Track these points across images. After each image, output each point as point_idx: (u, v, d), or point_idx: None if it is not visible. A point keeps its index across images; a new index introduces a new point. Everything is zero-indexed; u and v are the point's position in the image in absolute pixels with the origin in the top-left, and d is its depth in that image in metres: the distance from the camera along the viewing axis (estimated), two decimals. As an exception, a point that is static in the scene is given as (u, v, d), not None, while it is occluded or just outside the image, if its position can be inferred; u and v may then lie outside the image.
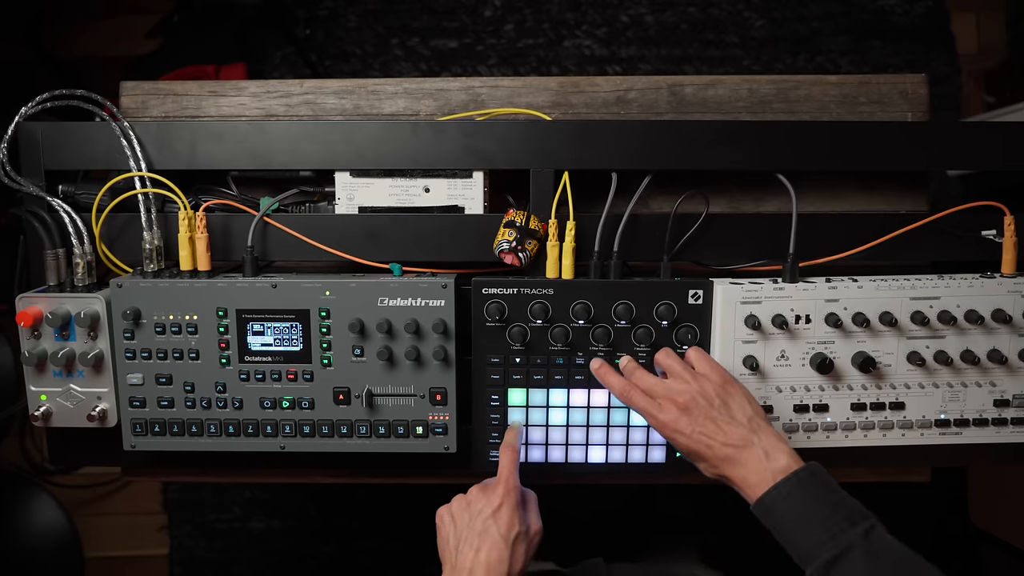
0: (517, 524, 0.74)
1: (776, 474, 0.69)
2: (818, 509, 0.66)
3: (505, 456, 0.80)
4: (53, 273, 0.83)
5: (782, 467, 0.70)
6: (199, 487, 1.97)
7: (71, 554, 1.84)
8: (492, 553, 0.72)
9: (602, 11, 2.00)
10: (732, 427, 0.73)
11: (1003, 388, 0.85)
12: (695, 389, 0.75)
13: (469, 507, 0.77)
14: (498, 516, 0.74)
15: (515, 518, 0.74)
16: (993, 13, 1.98)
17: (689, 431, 0.74)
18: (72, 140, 0.85)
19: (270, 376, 0.83)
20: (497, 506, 0.75)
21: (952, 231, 0.85)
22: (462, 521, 0.76)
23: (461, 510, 0.77)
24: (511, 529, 0.73)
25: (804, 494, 0.67)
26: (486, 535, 0.73)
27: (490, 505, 0.75)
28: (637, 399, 0.78)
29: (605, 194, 0.84)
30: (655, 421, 0.76)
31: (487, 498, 0.76)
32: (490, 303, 0.82)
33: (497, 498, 0.75)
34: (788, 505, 0.67)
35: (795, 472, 0.69)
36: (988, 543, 1.82)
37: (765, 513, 0.69)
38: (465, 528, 0.75)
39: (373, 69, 2.01)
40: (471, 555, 0.72)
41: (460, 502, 0.78)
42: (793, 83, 0.94)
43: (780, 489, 0.68)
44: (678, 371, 0.78)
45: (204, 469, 0.98)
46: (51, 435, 0.91)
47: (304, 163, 0.85)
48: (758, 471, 0.70)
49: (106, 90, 0.87)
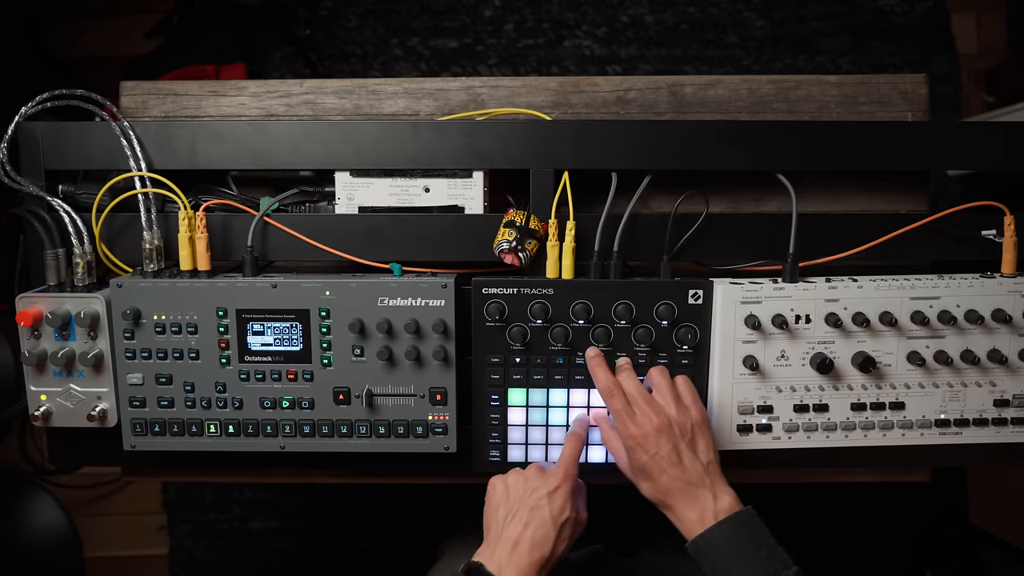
0: (568, 510, 0.75)
1: (719, 513, 0.72)
2: (754, 550, 0.69)
3: (570, 443, 0.81)
4: (53, 273, 0.83)
5: (725, 507, 0.72)
6: (199, 487, 1.96)
7: (71, 554, 1.84)
8: (539, 531, 0.73)
9: (602, 11, 2.00)
10: (693, 464, 0.75)
11: (1003, 388, 0.85)
12: (674, 416, 0.76)
13: (526, 482, 0.78)
14: (553, 497, 0.75)
15: (567, 503, 0.75)
16: (993, 13, 1.98)
17: (652, 452, 0.75)
18: (72, 140, 0.85)
19: (270, 376, 0.83)
20: (554, 488, 0.76)
21: (952, 231, 0.85)
22: (516, 493, 0.77)
23: (517, 483, 0.78)
24: (562, 513, 0.75)
25: (743, 534, 0.70)
26: (537, 512, 0.74)
27: (547, 485, 0.76)
28: (617, 401, 0.78)
29: (605, 194, 0.84)
30: (625, 429, 0.77)
31: (545, 478, 0.77)
32: (490, 303, 0.82)
33: (556, 480, 0.76)
34: (727, 544, 0.70)
35: (737, 513, 0.72)
36: (988, 543, 1.82)
37: (704, 548, 0.71)
38: (517, 501, 0.76)
39: (373, 69, 2.01)
40: (519, 528, 0.73)
41: (517, 475, 0.79)
42: (793, 83, 0.94)
43: (723, 527, 0.71)
44: (665, 392, 0.79)
45: (204, 469, 0.98)
46: (51, 435, 0.91)
47: (304, 163, 0.85)
48: (701, 508, 0.73)
49: (106, 90, 0.87)
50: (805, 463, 0.91)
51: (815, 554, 1.92)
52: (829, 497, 1.90)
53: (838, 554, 1.94)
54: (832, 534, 1.93)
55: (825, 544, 1.93)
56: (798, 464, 0.91)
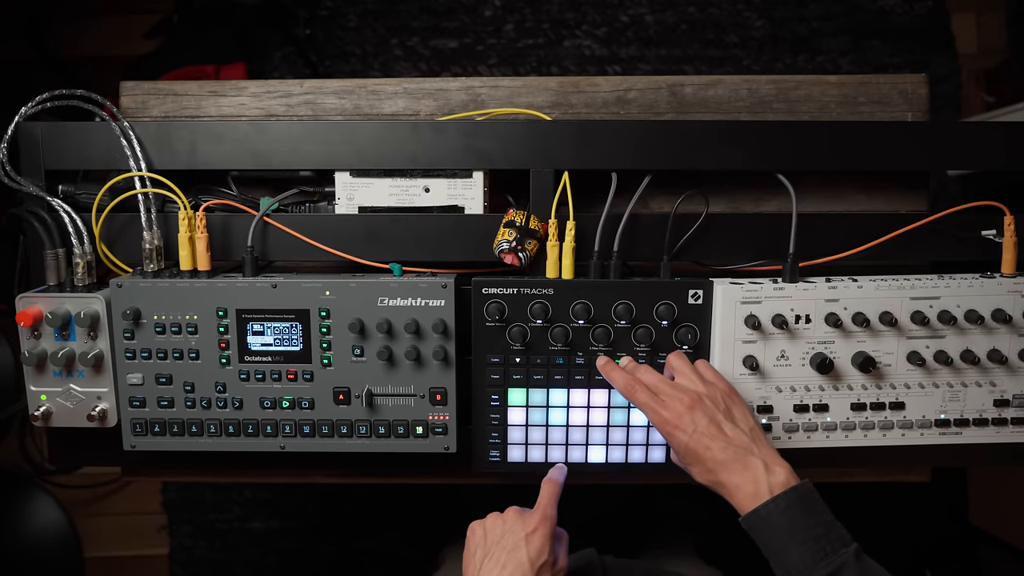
0: (546, 553, 0.73)
1: (774, 487, 0.69)
2: (812, 527, 0.67)
3: (546, 488, 0.80)
4: (53, 273, 0.83)
5: (780, 481, 0.70)
6: (199, 487, 1.97)
7: (71, 554, 1.84)
8: (516, 573, 0.71)
9: (602, 11, 2.00)
10: (735, 432, 0.73)
11: (1003, 388, 0.85)
12: (702, 390, 0.76)
13: (503, 524, 0.77)
14: (531, 539, 0.74)
15: (546, 547, 0.74)
16: (993, 13, 1.98)
17: (691, 430, 0.73)
18: (72, 140, 0.84)
19: (270, 376, 0.83)
20: (532, 529, 0.74)
21: (952, 231, 0.85)
22: (493, 536, 0.76)
23: (495, 525, 0.77)
24: (540, 556, 0.73)
25: (800, 510, 0.68)
26: (514, 554, 0.73)
27: (525, 528, 0.75)
28: (640, 394, 0.77)
29: (605, 194, 0.84)
30: (657, 417, 0.76)
31: (523, 520, 0.76)
32: (490, 303, 0.82)
33: (533, 522, 0.75)
34: (784, 520, 0.68)
35: (794, 487, 0.69)
36: (988, 543, 1.82)
37: (759, 523, 0.69)
38: (495, 544, 0.75)
39: (373, 69, 2.01)
40: (495, 570, 0.72)
41: (495, 518, 0.78)
42: (793, 83, 0.94)
43: (778, 503, 0.68)
44: (687, 372, 0.78)
45: (204, 469, 0.98)
46: (51, 435, 0.91)
47: (304, 163, 0.85)
48: (755, 480, 0.70)
49: (106, 90, 0.87)
50: (805, 463, 0.91)
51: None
52: (829, 497, 1.90)
53: (838, 554, 1.93)
54: (832, 534, 1.93)
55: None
56: (798, 464, 0.90)
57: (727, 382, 0.79)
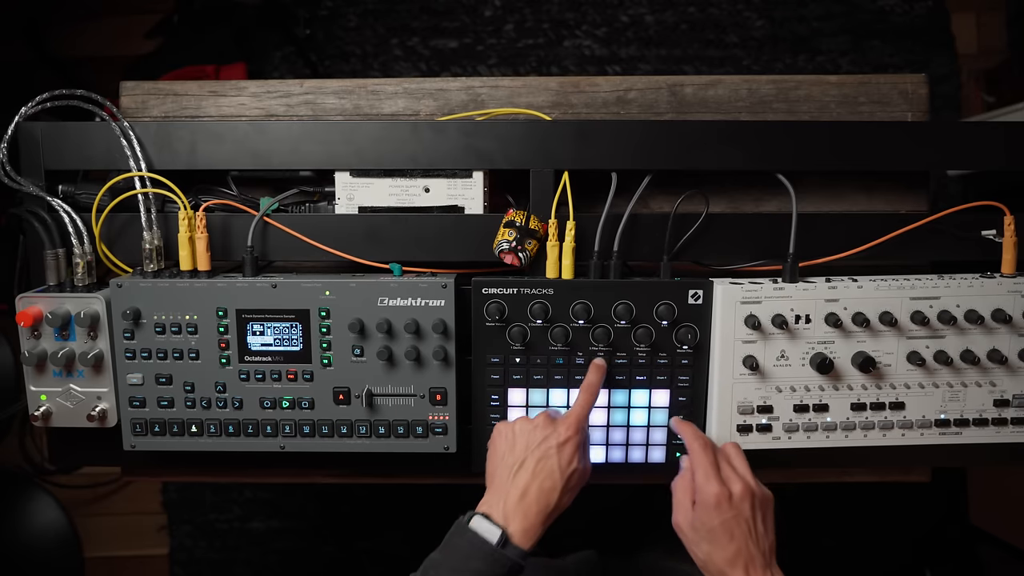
0: (576, 461, 0.75)
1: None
2: None
3: (584, 395, 0.80)
4: (53, 273, 0.83)
5: None
6: (199, 487, 1.97)
7: (71, 554, 1.84)
8: (547, 481, 0.72)
9: (602, 11, 2.00)
10: (762, 540, 0.72)
11: (1003, 388, 0.85)
12: (754, 486, 0.75)
13: (535, 430, 0.76)
14: (563, 448, 0.74)
15: (576, 455, 0.75)
16: (993, 13, 1.98)
17: (730, 515, 0.72)
18: (72, 140, 0.84)
19: (270, 376, 0.83)
20: (564, 439, 0.75)
21: (952, 231, 0.85)
22: (523, 441, 0.76)
23: (525, 430, 0.77)
24: (570, 464, 0.74)
25: None
26: (546, 462, 0.73)
27: (557, 436, 0.75)
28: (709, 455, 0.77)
29: (605, 194, 0.84)
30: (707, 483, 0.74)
31: (555, 428, 0.76)
32: (490, 303, 0.82)
33: (567, 431, 0.75)
34: None
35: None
36: (988, 543, 1.82)
37: None
38: (525, 449, 0.75)
39: (373, 69, 2.01)
40: (526, 478, 0.73)
41: (526, 423, 0.78)
42: (793, 83, 0.94)
43: None
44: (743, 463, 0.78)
45: (204, 469, 0.98)
46: (51, 435, 0.91)
47: (304, 163, 0.85)
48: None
49: (106, 90, 0.87)
50: (805, 463, 0.91)
51: (816, 554, 1.92)
52: (829, 497, 1.90)
53: (839, 554, 1.94)
54: (832, 534, 1.93)
55: (826, 544, 1.93)
56: (798, 464, 0.91)
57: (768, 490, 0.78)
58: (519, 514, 0.71)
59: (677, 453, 0.87)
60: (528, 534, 0.70)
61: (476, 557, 0.68)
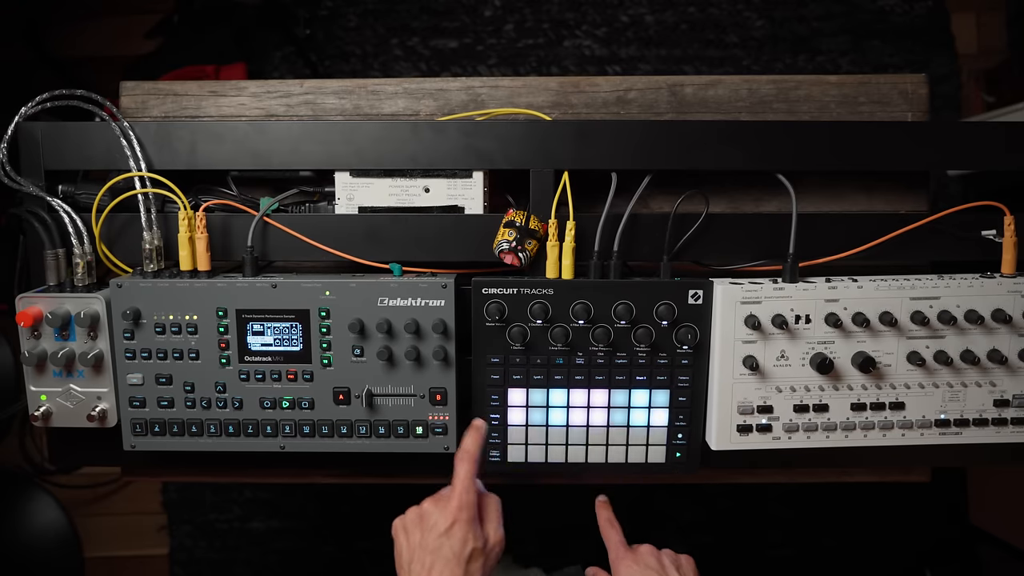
0: (472, 540, 0.72)
1: None
2: None
3: (461, 467, 0.76)
4: (53, 273, 0.83)
5: None
6: (199, 487, 1.97)
7: (71, 554, 1.84)
8: (444, 572, 0.70)
9: (602, 11, 2.00)
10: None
11: (1003, 388, 0.85)
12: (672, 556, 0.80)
13: (422, 522, 0.74)
14: (451, 534, 0.72)
15: (470, 534, 0.72)
16: (993, 13, 1.98)
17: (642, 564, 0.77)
18: (72, 140, 0.84)
19: (270, 376, 0.83)
20: (450, 524, 0.72)
21: (952, 231, 0.85)
22: (414, 538, 0.74)
23: (414, 525, 0.75)
24: (465, 546, 0.71)
25: None
26: (439, 554, 0.71)
27: (444, 521, 0.72)
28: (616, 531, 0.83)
29: (605, 194, 0.84)
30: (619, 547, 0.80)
31: (440, 513, 0.73)
32: (490, 303, 0.82)
33: (450, 515, 0.73)
34: None
35: None
36: (988, 543, 1.82)
37: None
38: (417, 546, 0.73)
39: (373, 69, 2.01)
40: (423, 574, 0.71)
41: (413, 516, 0.76)
42: (793, 83, 0.94)
43: None
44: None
45: (204, 469, 0.98)
46: (51, 435, 0.91)
47: (304, 163, 0.85)
48: None
49: (106, 90, 0.87)
50: (805, 463, 0.91)
51: (816, 554, 1.93)
52: (829, 497, 1.90)
53: (839, 554, 1.94)
54: (833, 534, 1.93)
55: (826, 544, 1.93)
56: (798, 464, 0.91)
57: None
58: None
59: (677, 453, 0.87)
60: None
61: None
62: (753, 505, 1.86)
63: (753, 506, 1.86)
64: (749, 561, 1.89)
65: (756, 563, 1.89)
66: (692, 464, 0.88)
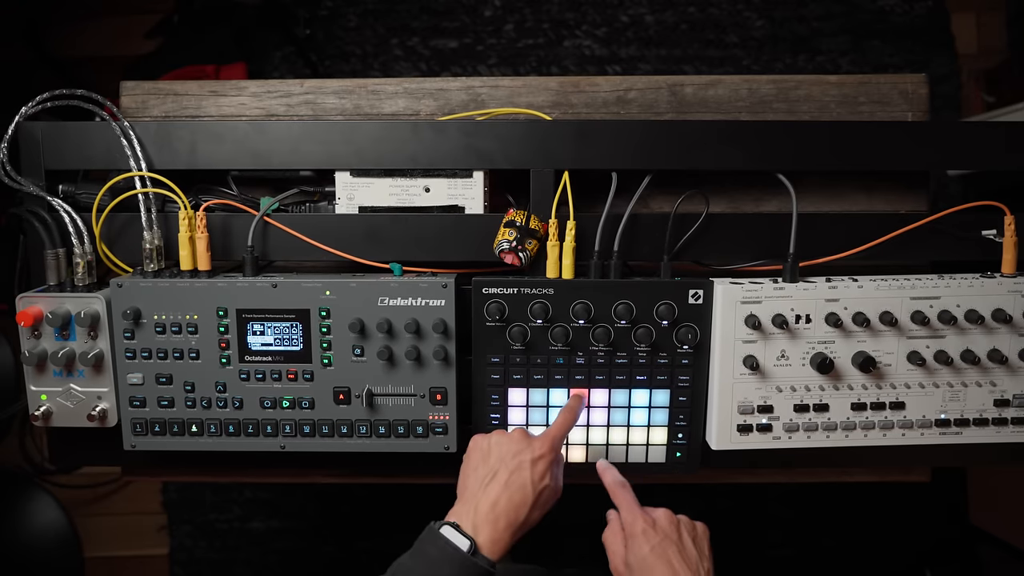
0: (548, 478, 0.75)
1: None
2: None
3: (562, 416, 0.81)
4: (53, 273, 0.83)
5: None
6: (199, 487, 1.97)
7: (71, 554, 1.84)
8: (518, 495, 0.72)
9: (602, 11, 2.00)
10: (698, 568, 0.73)
11: (1003, 388, 0.85)
12: (684, 519, 0.77)
13: (510, 443, 0.77)
14: (536, 464, 0.75)
15: (548, 472, 0.75)
16: (993, 13, 1.98)
17: (657, 539, 0.74)
18: (72, 140, 0.84)
19: (270, 376, 0.83)
20: (538, 455, 0.75)
21: (952, 231, 0.85)
22: (498, 453, 0.76)
23: (501, 443, 0.77)
24: (542, 479, 0.74)
25: None
26: (518, 475, 0.73)
27: (532, 451, 0.75)
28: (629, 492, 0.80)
29: (605, 194, 0.84)
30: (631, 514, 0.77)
31: (531, 444, 0.76)
32: (490, 303, 0.82)
33: (541, 448, 0.76)
34: None
35: None
36: (988, 543, 1.82)
37: None
38: (499, 461, 0.75)
39: (373, 69, 2.01)
40: (498, 490, 0.73)
41: (502, 436, 0.78)
42: (793, 83, 0.94)
43: None
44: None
45: (204, 469, 0.98)
46: (51, 435, 0.91)
47: (304, 163, 0.85)
48: None
49: (106, 90, 0.87)
50: (805, 463, 0.91)
51: (816, 554, 1.93)
52: (829, 497, 1.90)
53: (839, 554, 1.94)
54: (833, 534, 1.93)
55: (826, 544, 1.93)
56: (798, 464, 0.91)
57: None
58: (488, 525, 0.71)
59: (677, 453, 0.87)
60: (496, 545, 0.70)
61: (447, 564, 0.68)
62: (753, 505, 1.86)
63: (753, 506, 1.86)
64: (749, 561, 1.89)
65: (756, 563, 1.89)
66: (692, 464, 0.88)
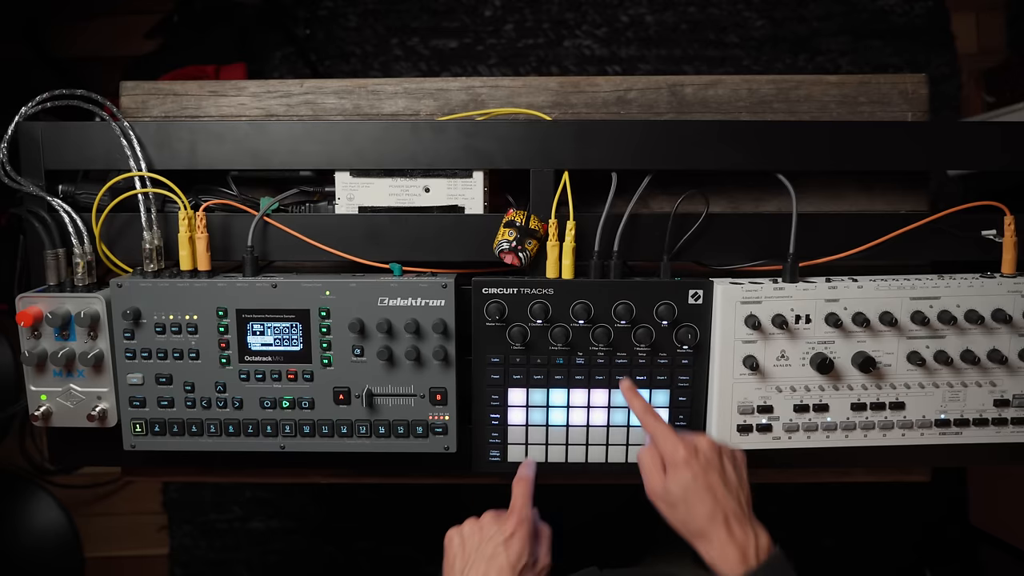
0: (526, 556, 0.73)
1: (760, 552, 0.69)
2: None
3: (518, 488, 0.80)
4: (53, 273, 0.83)
5: (765, 545, 0.69)
6: (199, 487, 1.97)
7: (71, 554, 1.84)
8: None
9: (602, 11, 2.00)
10: (739, 492, 0.73)
11: (1003, 388, 0.85)
12: (721, 442, 0.76)
13: (481, 531, 0.76)
14: (509, 544, 0.73)
15: (525, 549, 0.74)
16: (993, 13, 1.98)
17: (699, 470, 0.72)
18: (72, 140, 0.84)
19: (270, 376, 0.83)
20: (509, 534, 0.74)
21: (952, 231, 0.85)
22: (471, 544, 0.75)
23: (472, 533, 0.76)
24: (520, 559, 0.73)
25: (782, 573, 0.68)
26: (494, 561, 0.72)
27: (502, 532, 0.74)
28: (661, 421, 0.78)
29: (605, 194, 0.84)
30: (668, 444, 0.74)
31: (499, 525, 0.75)
32: (490, 303, 0.82)
33: (510, 527, 0.75)
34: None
35: (776, 554, 0.69)
36: (988, 543, 1.82)
37: None
38: (474, 551, 0.74)
39: (373, 69, 2.01)
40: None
41: (472, 525, 0.77)
42: (793, 83, 0.94)
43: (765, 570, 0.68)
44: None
45: (204, 469, 0.98)
46: (51, 435, 0.91)
47: (304, 163, 0.85)
48: (744, 546, 0.68)
49: (106, 90, 0.87)
50: (805, 463, 0.91)
51: (816, 554, 1.92)
52: (829, 497, 1.90)
53: (839, 554, 1.94)
54: (833, 534, 1.93)
55: (826, 544, 1.93)
56: (798, 464, 0.91)
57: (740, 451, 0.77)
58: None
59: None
60: None
61: None
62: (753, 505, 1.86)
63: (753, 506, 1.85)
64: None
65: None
66: (692, 464, 0.88)
